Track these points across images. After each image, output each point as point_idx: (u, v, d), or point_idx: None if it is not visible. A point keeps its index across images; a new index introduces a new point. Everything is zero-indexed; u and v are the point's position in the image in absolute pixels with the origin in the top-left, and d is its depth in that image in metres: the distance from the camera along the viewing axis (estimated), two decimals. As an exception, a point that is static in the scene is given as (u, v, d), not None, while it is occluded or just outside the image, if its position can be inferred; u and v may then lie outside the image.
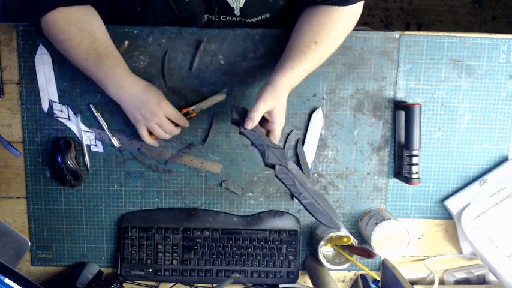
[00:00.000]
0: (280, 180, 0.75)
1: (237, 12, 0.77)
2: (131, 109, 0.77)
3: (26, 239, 0.92)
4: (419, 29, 1.80)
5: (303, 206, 0.76)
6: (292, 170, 0.75)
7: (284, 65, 0.76)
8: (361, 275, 0.95)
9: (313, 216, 0.76)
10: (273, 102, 0.74)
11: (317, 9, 0.77)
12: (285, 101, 0.76)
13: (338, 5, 0.76)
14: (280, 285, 0.93)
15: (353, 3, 0.76)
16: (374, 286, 0.91)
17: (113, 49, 0.78)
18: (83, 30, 0.75)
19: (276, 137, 0.77)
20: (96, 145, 0.90)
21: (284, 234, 0.92)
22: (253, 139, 0.75)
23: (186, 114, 0.84)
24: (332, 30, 0.77)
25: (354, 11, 0.78)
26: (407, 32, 0.88)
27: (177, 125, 0.82)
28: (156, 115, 0.76)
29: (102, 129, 0.89)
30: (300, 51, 0.76)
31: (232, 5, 0.76)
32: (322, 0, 0.76)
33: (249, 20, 0.82)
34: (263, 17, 0.81)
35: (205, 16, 0.80)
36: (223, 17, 0.80)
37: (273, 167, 0.75)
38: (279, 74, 0.75)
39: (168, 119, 0.80)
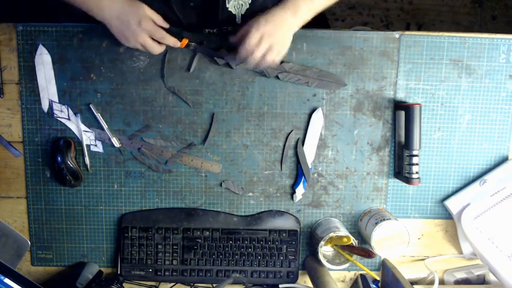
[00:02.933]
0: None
1: (238, 20, 0.77)
2: (115, 30, 0.74)
3: (26, 239, 0.92)
4: (419, 29, 1.80)
5: None
6: None
7: None
8: (361, 275, 0.95)
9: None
10: (265, 27, 0.73)
11: None
12: (285, 26, 0.75)
13: None
14: (280, 285, 0.93)
15: None
16: (374, 286, 0.91)
17: None
18: None
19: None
20: (96, 145, 0.90)
21: (284, 234, 0.92)
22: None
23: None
24: None
25: None
26: (407, 32, 0.88)
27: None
28: (139, 36, 0.72)
29: (102, 129, 0.89)
30: None
31: (234, 12, 0.76)
32: None
33: None
34: None
35: (206, 30, 0.80)
36: (224, 29, 0.80)
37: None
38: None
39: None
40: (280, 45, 0.76)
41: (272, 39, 0.74)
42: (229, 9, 0.75)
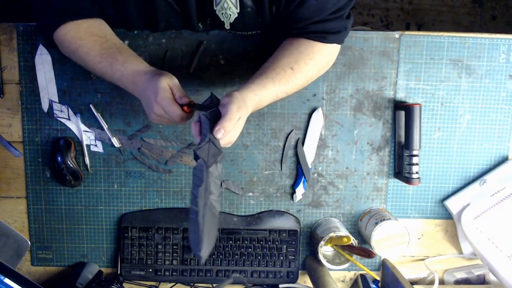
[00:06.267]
0: (193, 175, 0.64)
1: (227, 26, 0.77)
2: (144, 107, 0.71)
3: (26, 239, 0.92)
4: (419, 29, 1.80)
5: (190, 210, 0.62)
6: (212, 175, 0.63)
7: (255, 81, 0.71)
8: (361, 275, 0.95)
9: (189, 227, 0.61)
10: (243, 113, 0.66)
11: (298, 40, 0.76)
12: (245, 117, 0.68)
13: (316, 41, 0.75)
14: (280, 285, 0.93)
15: (330, 42, 0.75)
16: (374, 286, 0.91)
17: (125, 47, 0.76)
18: (94, 35, 0.73)
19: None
20: (96, 145, 0.90)
21: (284, 234, 0.92)
22: (204, 126, 0.66)
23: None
24: (311, 61, 0.75)
25: (332, 50, 0.78)
26: (407, 32, 0.88)
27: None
28: (154, 110, 0.68)
29: (102, 129, 0.89)
30: (275, 72, 0.73)
31: (222, 19, 0.75)
32: (304, 31, 0.74)
33: (239, 33, 0.82)
34: (254, 32, 0.82)
35: (200, 25, 0.80)
36: (216, 29, 0.81)
37: (197, 159, 0.64)
38: (248, 87, 0.70)
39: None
40: (239, 131, 0.69)
41: (241, 122, 0.67)
42: (216, 12, 0.74)
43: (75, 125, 0.89)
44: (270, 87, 0.72)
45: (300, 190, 0.91)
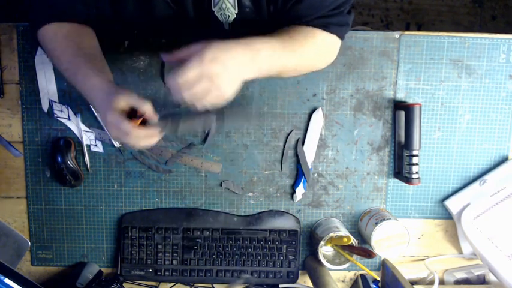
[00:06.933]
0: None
1: (226, 27, 0.77)
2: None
3: (26, 239, 0.92)
4: (419, 29, 1.80)
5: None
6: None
7: (261, 39, 0.65)
8: (361, 275, 0.95)
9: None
10: (217, 66, 0.58)
11: (299, 27, 0.73)
12: (232, 64, 0.60)
13: (319, 28, 0.72)
14: (280, 285, 0.93)
15: (333, 32, 0.73)
16: (374, 286, 0.91)
17: (96, 57, 0.73)
18: (70, 40, 0.72)
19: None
20: (96, 145, 0.90)
21: (284, 234, 0.92)
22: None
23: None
24: (313, 43, 0.71)
25: (333, 43, 0.75)
26: (407, 32, 0.88)
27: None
28: (109, 131, 0.66)
29: (102, 129, 0.89)
30: (283, 39, 0.68)
31: (221, 20, 0.75)
32: (305, 21, 0.72)
33: (239, 33, 0.81)
34: (253, 32, 0.81)
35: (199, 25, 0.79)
36: (215, 31, 0.80)
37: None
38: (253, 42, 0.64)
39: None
40: (222, 91, 0.60)
41: (215, 82, 0.58)
42: (215, 13, 0.74)
43: (75, 125, 0.89)
44: (278, 49, 0.65)
45: (300, 190, 0.91)
